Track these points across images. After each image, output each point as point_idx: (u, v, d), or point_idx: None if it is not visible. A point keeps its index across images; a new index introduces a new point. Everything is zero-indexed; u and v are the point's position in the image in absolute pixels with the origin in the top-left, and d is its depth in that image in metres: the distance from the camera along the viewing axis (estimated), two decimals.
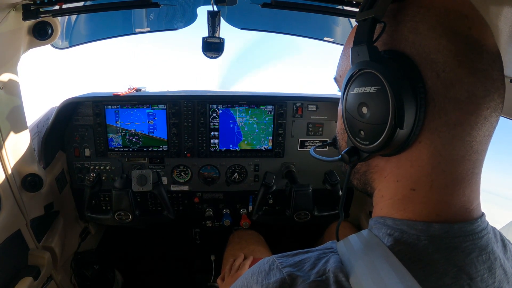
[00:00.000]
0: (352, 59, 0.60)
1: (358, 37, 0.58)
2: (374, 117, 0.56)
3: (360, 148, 0.61)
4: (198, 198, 2.37)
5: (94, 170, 2.21)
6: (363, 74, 0.58)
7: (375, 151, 0.58)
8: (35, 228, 1.77)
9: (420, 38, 0.53)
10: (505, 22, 0.97)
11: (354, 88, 0.60)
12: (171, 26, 2.20)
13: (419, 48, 0.53)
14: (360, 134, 0.60)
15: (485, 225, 0.60)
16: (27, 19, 1.39)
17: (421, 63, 0.53)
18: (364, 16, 0.57)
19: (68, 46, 2.04)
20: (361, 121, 0.59)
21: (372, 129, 0.57)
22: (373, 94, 0.56)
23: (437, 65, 0.52)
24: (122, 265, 2.64)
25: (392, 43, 0.57)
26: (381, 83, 0.54)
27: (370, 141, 0.58)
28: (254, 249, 2.01)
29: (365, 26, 0.57)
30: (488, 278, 0.56)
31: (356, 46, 0.59)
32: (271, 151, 2.24)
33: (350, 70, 0.60)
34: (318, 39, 2.31)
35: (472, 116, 0.53)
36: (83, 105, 2.09)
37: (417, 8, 0.55)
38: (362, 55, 0.57)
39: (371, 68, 0.55)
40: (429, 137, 0.55)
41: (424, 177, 0.57)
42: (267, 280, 0.60)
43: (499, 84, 0.54)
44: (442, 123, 0.53)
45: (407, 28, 0.55)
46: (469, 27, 0.53)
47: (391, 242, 0.58)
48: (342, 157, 0.66)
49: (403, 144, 0.55)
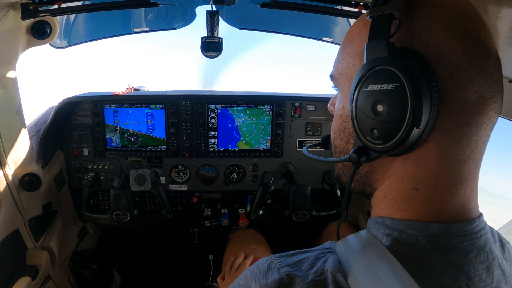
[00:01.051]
0: (367, 54, 0.58)
1: (375, 32, 0.57)
2: (390, 116, 0.55)
3: (371, 147, 0.59)
4: (196, 197, 2.37)
5: (92, 170, 2.20)
6: (380, 71, 0.56)
7: (388, 150, 0.57)
8: (33, 228, 1.76)
9: (434, 38, 0.53)
10: (504, 23, 0.97)
11: (368, 85, 0.58)
12: (170, 26, 2.20)
13: (433, 48, 0.53)
14: (372, 133, 0.58)
15: (483, 225, 0.60)
16: (25, 18, 1.39)
17: (434, 63, 0.53)
18: (380, 12, 0.56)
19: (66, 46, 2.04)
20: (375, 119, 0.57)
21: (387, 128, 0.56)
22: (390, 91, 0.54)
23: (450, 65, 0.52)
24: (121, 265, 2.64)
25: (405, 41, 0.56)
26: (399, 81, 0.53)
27: (384, 141, 0.56)
28: (255, 248, 2.01)
29: (381, 21, 0.56)
30: (486, 278, 0.57)
31: (372, 41, 0.57)
32: (269, 151, 2.24)
33: (364, 66, 0.58)
34: (317, 39, 2.32)
35: (479, 116, 0.54)
36: (81, 104, 2.09)
37: (429, 7, 0.55)
38: (380, 51, 0.55)
39: (390, 65, 0.54)
40: (438, 137, 0.55)
41: (429, 177, 0.57)
42: (265, 279, 0.60)
43: (501, 86, 0.55)
44: (452, 122, 0.54)
45: (420, 26, 0.54)
46: (478, 30, 0.54)
47: (390, 242, 0.58)
48: (350, 157, 0.63)
49: (414, 143, 0.55)
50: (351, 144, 0.67)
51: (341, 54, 0.70)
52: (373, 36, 0.57)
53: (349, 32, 0.69)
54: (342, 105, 0.69)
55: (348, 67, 0.67)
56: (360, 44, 0.64)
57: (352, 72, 0.66)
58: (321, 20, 2.24)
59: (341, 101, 0.70)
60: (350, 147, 0.67)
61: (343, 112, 0.69)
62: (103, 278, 2.36)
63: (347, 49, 0.68)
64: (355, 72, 0.64)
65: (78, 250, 2.27)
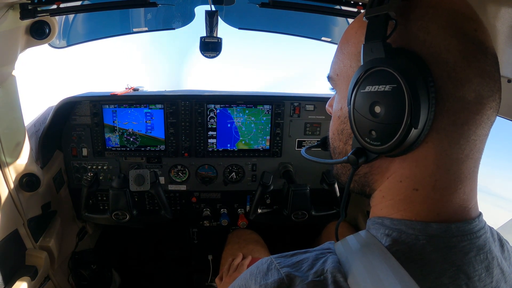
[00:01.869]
0: (364, 56, 0.58)
1: (371, 33, 0.57)
2: (388, 117, 0.55)
3: (370, 149, 0.59)
4: (195, 197, 2.37)
5: (91, 170, 2.20)
6: (377, 72, 0.56)
7: (386, 151, 0.57)
8: (32, 228, 1.76)
9: (431, 38, 0.53)
10: (502, 22, 0.97)
11: (365, 87, 0.58)
12: (169, 26, 2.20)
13: (430, 48, 0.53)
14: (371, 134, 0.58)
15: (483, 224, 0.60)
16: (24, 18, 1.38)
17: (432, 63, 0.53)
18: (377, 12, 0.55)
19: (65, 46, 2.04)
20: (373, 121, 0.57)
21: (385, 129, 0.56)
22: (388, 92, 0.54)
23: (447, 65, 0.52)
24: (120, 265, 2.64)
25: (401, 42, 0.56)
26: (397, 82, 0.53)
27: (382, 142, 0.56)
28: (253, 248, 2.01)
29: (378, 22, 0.56)
30: (485, 278, 0.57)
31: (368, 42, 0.57)
32: (268, 151, 2.24)
33: (361, 67, 0.58)
34: (315, 39, 2.32)
35: (477, 115, 0.54)
36: (80, 104, 2.09)
37: (425, 7, 0.55)
38: (376, 52, 0.55)
39: (387, 66, 0.54)
40: (437, 137, 0.55)
41: (428, 177, 0.57)
42: (265, 280, 0.60)
43: (499, 85, 0.55)
44: (450, 122, 0.54)
45: (416, 26, 0.54)
46: (475, 29, 0.54)
47: (389, 243, 0.58)
48: (349, 159, 0.63)
49: (412, 144, 0.55)
50: (349, 145, 0.67)
51: (338, 55, 0.69)
52: (369, 37, 0.57)
53: (346, 32, 0.68)
54: (340, 106, 0.69)
55: (345, 68, 0.67)
56: (356, 45, 0.63)
57: (349, 73, 0.65)
58: (320, 20, 2.25)
59: (339, 102, 0.70)
60: (348, 148, 0.67)
61: (341, 114, 0.69)
62: (102, 278, 2.36)
63: (344, 50, 0.67)
64: (352, 73, 0.64)
65: (77, 250, 2.27)
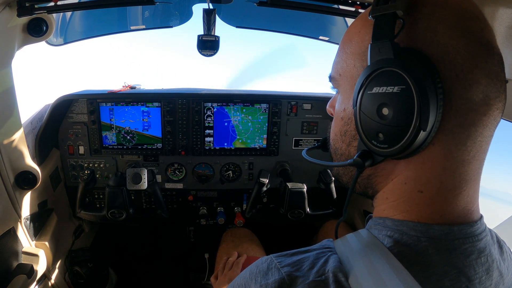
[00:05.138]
0: (371, 56, 0.56)
1: (378, 33, 0.55)
2: (396, 119, 0.53)
3: (377, 152, 0.58)
4: (192, 196, 2.37)
5: (88, 168, 2.20)
6: (384, 73, 0.54)
7: (394, 154, 0.55)
8: (28, 226, 1.76)
9: (439, 38, 0.52)
10: (500, 23, 0.97)
11: (373, 88, 0.56)
12: (166, 24, 2.20)
13: (437, 48, 0.52)
14: (378, 137, 0.56)
15: (484, 227, 0.60)
16: (21, 15, 1.38)
17: (440, 63, 0.51)
18: (384, 11, 0.54)
19: (63, 43, 2.03)
20: (381, 123, 0.55)
21: (393, 131, 0.54)
22: (396, 94, 0.53)
23: (455, 65, 0.51)
24: (116, 263, 2.64)
25: (409, 42, 0.54)
26: (406, 83, 0.51)
27: (390, 144, 0.55)
28: (247, 247, 2.01)
29: (385, 21, 0.54)
30: (485, 280, 0.57)
31: (376, 42, 0.55)
32: (265, 150, 2.24)
33: (368, 68, 0.56)
34: (313, 38, 2.32)
35: (484, 116, 0.53)
36: (77, 102, 2.08)
37: (432, 6, 0.54)
38: (385, 52, 0.54)
39: (396, 67, 0.52)
40: (444, 139, 0.54)
41: (434, 179, 0.56)
42: (265, 280, 0.59)
43: (505, 86, 0.55)
44: (457, 124, 0.53)
45: (424, 26, 0.53)
46: (481, 28, 0.53)
47: (391, 243, 0.57)
48: (354, 161, 0.61)
49: (420, 146, 0.53)
50: (353, 147, 0.66)
51: (340, 54, 0.67)
52: (376, 36, 0.55)
53: (348, 31, 0.67)
54: (343, 107, 0.67)
55: (349, 67, 0.65)
56: (360, 44, 0.62)
57: (352, 72, 0.64)
58: (318, 19, 2.25)
59: (342, 103, 0.68)
60: (351, 149, 0.66)
61: (345, 115, 0.67)
62: (99, 276, 2.36)
63: (346, 49, 0.66)
64: (356, 72, 0.62)
65: (74, 249, 2.26)
